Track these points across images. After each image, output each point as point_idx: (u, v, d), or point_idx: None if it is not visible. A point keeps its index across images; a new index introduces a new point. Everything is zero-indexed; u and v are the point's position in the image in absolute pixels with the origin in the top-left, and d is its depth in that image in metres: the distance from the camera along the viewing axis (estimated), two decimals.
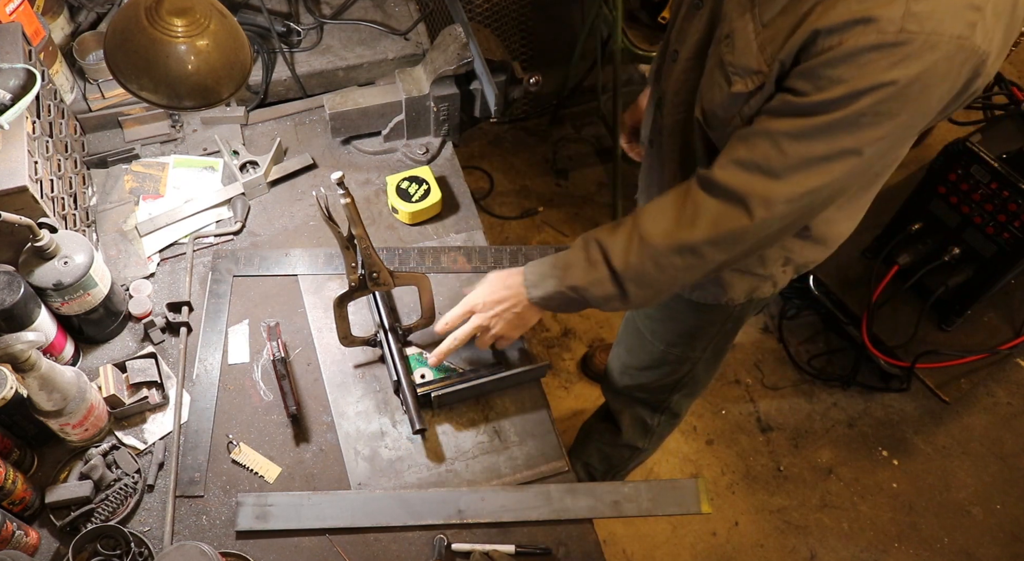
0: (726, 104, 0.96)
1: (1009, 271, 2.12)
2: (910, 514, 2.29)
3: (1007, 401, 2.47)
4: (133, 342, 1.34)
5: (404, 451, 1.26)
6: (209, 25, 0.95)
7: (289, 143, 1.60)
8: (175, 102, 0.98)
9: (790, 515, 2.27)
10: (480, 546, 1.17)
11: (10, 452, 1.14)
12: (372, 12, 1.72)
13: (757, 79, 0.90)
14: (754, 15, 0.90)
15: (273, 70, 1.61)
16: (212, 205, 1.48)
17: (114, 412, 1.23)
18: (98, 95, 1.50)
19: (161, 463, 1.22)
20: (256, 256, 1.44)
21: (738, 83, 0.92)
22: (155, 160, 1.54)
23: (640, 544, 2.19)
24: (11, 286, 1.12)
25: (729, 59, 0.93)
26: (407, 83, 1.53)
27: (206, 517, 1.19)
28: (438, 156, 1.61)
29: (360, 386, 1.32)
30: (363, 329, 1.36)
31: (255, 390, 1.30)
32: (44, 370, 1.06)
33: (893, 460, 2.38)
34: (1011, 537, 2.26)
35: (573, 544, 1.20)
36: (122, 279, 1.38)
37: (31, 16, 1.34)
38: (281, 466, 1.24)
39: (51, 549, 1.14)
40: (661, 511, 1.25)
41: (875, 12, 0.77)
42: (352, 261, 1.19)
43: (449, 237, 1.51)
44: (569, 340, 2.52)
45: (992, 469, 2.37)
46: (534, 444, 1.28)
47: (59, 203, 1.27)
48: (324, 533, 1.18)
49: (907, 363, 2.34)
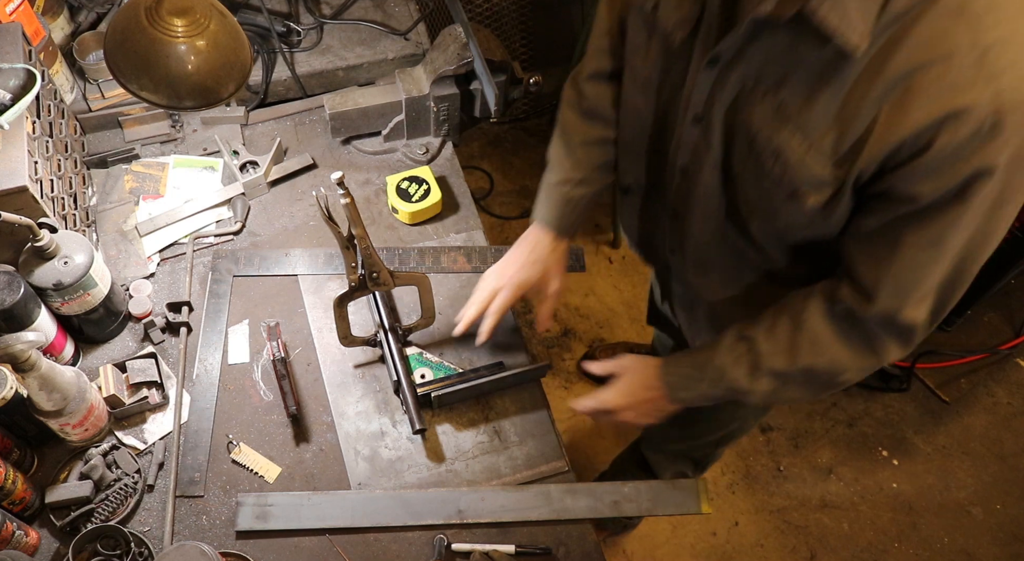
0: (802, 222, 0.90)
1: (1009, 271, 2.12)
2: (910, 514, 2.29)
3: (1007, 401, 2.47)
4: (133, 342, 1.34)
5: (404, 451, 1.26)
6: (209, 25, 0.95)
7: (289, 143, 1.60)
8: (175, 102, 0.98)
9: (790, 515, 2.27)
10: (480, 546, 1.17)
11: (10, 452, 1.14)
12: (372, 12, 1.72)
13: (828, 190, 0.84)
14: (799, 126, 0.81)
15: (273, 70, 1.61)
16: (212, 205, 1.48)
17: (114, 412, 1.23)
18: (98, 95, 1.50)
19: (161, 463, 1.22)
20: (256, 256, 1.44)
21: (811, 197, 0.85)
22: (155, 160, 1.54)
23: (640, 544, 2.19)
24: (11, 286, 1.12)
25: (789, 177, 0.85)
26: (407, 83, 1.53)
27: (206, 517, 1.19)
28: (438, 156, 1.61)
29: (360, 386, 1.32)
30: (363, 329, 1.36)
31: (255, 390, 1.30)
32: (44, 370, 1.06)
33: (893, 460, 2.38)
34: (1011, 537, 2.26)
35: (573, 544, 1.20)
36: (122, 279, 1.38)
37: (31, 16, 1.34)
38: (281, 466, 1.24)
39: (51, 549, 1.14)
40: (661, 511, 1.25)
41: (961, 102, 0.68)
42: (352, 261, 1.19)
43: (449, 237, 1.51)
44: (569, 340, 2.52)
45: (992, 469, 2.37)
46: (534, 444, 1.28)
47: (59, 203, 1.27)
48: (324, 533, 1.18)
49: (907, 363, 2.34)
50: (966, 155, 0.71)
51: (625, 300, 2.58)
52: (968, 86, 0.68)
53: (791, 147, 0.83)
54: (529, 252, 1.26)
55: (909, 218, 0.80)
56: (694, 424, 1.44)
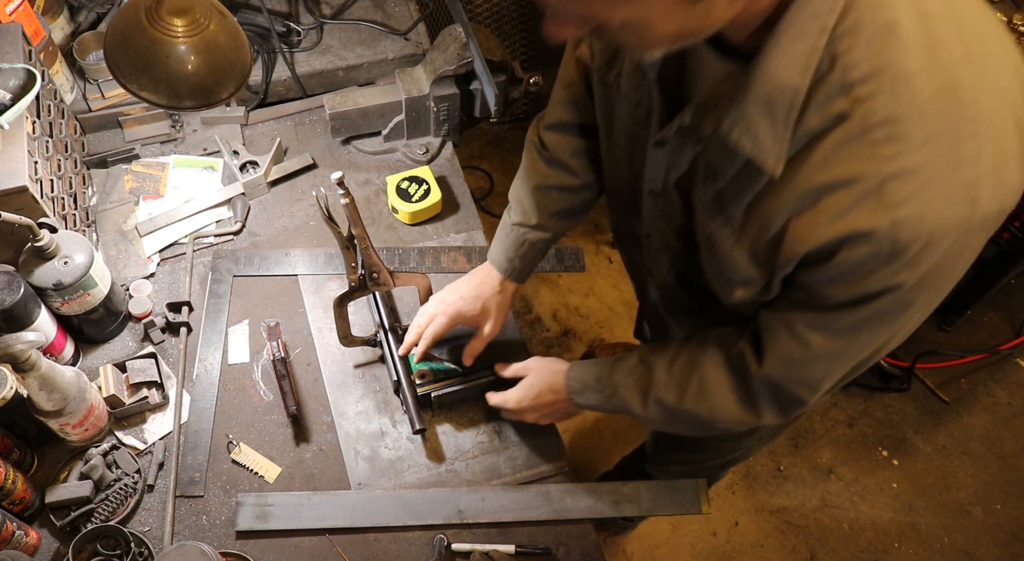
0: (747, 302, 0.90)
1: (1009, 271, 2.12)
2: (910, 514, 2.29)
3: (1007, 401, 2.47)
4: (133, 342, 1.34)
5: (404, 451, 1.26)
6: (209, 25, 0.95)
7: (289, 143, 1.60)
8: (175, 102, 0.98)
9: (790, 515, 2.27)
10: (480, 546, 1.17)
11: (10, 452, 1.14)
12: (372, 12, 1.72)
13: (755, 286, 0.85)
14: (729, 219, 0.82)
15: (273, 70, 1.61)
16: (212, 205, 1.48)
17: (114, 412, 1.23)
18: (98, 95, 1.50)
19: (161, 463, 1.22)
20: (256, 256, 1.44)
21: (740, 290, 0.86)
22: (155, 160, 1.54)
23: (640, 544, 2.19)
24: (11, 286, 1.12)
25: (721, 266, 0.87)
26: (407, 83, 1.53)
27: (206, 517, 1.19)
28: (438, 156, 1.61)
29: (360, 386, 1.32)
30: (363, 329, 1.36)
31: (255, 390, 1.30)
32: (44, 370, 1.06)
33: (893, 460, 2.38)
34: (1011, 537, 2.26)
35: (573, 544, 1.20)
36: (122, 279, 1.38)
37: (31, 16, 1.34)
38: (281, 466, 1.24)
39: (51, 549, 1.14)
40: (661, 511, 1.25)
41: (859, 226, 0.69)
42: (352, 261, 1.19)
43: (449, 237, 1.51)
44: (569, 340, 2.52)
45: (992, 469, 2.36)
46: (534, 444, 1.28)
47: (59, 203, 1.27)
48: (324, 533, 1.18)
49: (907, 363, 2.34)
50: (867, 273, 0.72)
51: (625, 300, 2.58)
52: (868, 213, 0.68)
53: (722, 237, 0.84)
54: (474, 287, 1.26)
55: (817, 312, 0.81)
56: (700, 450, 1.45)
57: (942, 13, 0.65)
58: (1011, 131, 0.69)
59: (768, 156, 0.72)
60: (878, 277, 0.73)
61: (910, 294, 0.74)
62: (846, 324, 0.80)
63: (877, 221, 0.68)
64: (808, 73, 0.66)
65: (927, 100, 0.65)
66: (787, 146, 0.71)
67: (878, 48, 0.64)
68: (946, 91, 0.65)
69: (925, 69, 0.64)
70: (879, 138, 0.66)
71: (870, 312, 0.77)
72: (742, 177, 0.78)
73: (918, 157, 0.66)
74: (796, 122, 0.69)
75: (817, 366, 0.87)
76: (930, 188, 0.67)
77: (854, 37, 0.64)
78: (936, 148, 0.66)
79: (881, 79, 0.65)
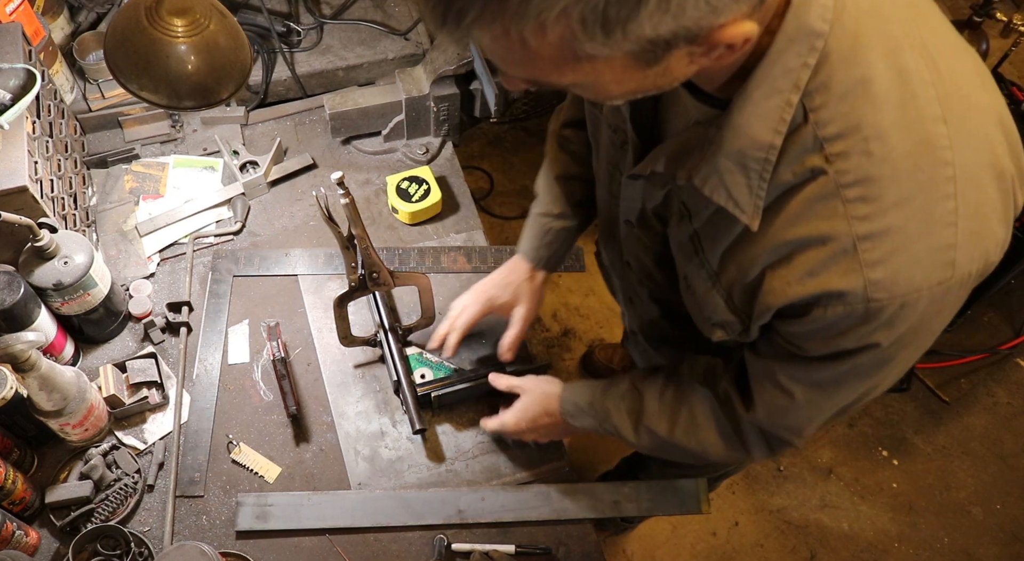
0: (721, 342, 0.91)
1: (1009, 271, 2.12)
2: (910, 514, 2.29)
3: (1007, 401, 2.47)
4: (133, 342, 1.34)
5: (404, 451, 1.26)
6: (209, 25, 0.95)
7: (289, 143, 1.60)
8: (175, 102, 0.98)
9: (790, 515, 2.27)
10: (480, 546, 1.17)
11: (10, 452, 1.14)
12: (372, 12, 1.72)
13: (733, 330, 0.84)
14: (704, 262, 0.82)
15: (273, 70, 1.61)
16: (212, 205, 1.48)
17: (114, 412, 1.23)
18: (98, 95, 1.50)
19: (161, 463, 1.22)
20: (256, 256, 1.44)
21: (719, 332, 0.86)
22: (155, 160, 1.54)
23: (640, 544, 2.19)
24: (11, 286, 1.12)
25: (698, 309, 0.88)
26: (407, 83, 1.53)
27: (206, 517, 1.19)
28: (438, 156, 1.61)
29: (360, 386, 1.32)
30: (363, 329, 1.36)
31: (255, 390, 1.30)
32: (44, 370, 1.06)
33: (893, 460, 2.38)
34: (1011, 537, 2.26)
35: (573, 544, 1.20)
36: (122, 279, 1.38)
37: (31, 16, 1.34)
38: (281, 466, 1.24)
39: (51, 549, 1.14)
40: (661, 511, 1.25)
41: (832, 287, 0.68)
42: (352, 261, 1.19)
43: (449, 237, 1.51)
44: (569, 340, 2.52)
45: (992, 469, 2.36)
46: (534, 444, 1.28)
47: (59, 203, 1.27)
48: (324, 533, 1.18)
49: None
50: (843, 331, 0.72)
51: None
52: (841, 274, 0.67)
53: (699, 279, 0.84)
54: (504, 275, 1.27)
55: (797, 363, 0.81)
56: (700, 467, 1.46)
57: (919, 69, 0.63)
58: (991, 186, 0.67)
59: (745, 209, 0.70)
60: (854, 336, 0.72)
61: (887, 352, 0.74)
62: (826, 377, 0.80)
63: (850, 282, 0.67)
64: (782, 129, 0.65)
65: (900, 159, 0.63)
66: (763, 200, 0.69)
67: (851, 105, 0.63)
68: (921, 150, 0.64)
69: (899, 127, 0.63)
70: (852, 197, 0.65)
71: (848, 366, 0.77)
72: (717, 220, 0.77)
73: (891, 219, 0.65)
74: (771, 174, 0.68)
75: (801, 414, 0.87)
76: (904, 251, 0.66)
77: (827, 93, 0.63)
78: (909, 210, 0.65)
79: (854, 137, 0.63)
